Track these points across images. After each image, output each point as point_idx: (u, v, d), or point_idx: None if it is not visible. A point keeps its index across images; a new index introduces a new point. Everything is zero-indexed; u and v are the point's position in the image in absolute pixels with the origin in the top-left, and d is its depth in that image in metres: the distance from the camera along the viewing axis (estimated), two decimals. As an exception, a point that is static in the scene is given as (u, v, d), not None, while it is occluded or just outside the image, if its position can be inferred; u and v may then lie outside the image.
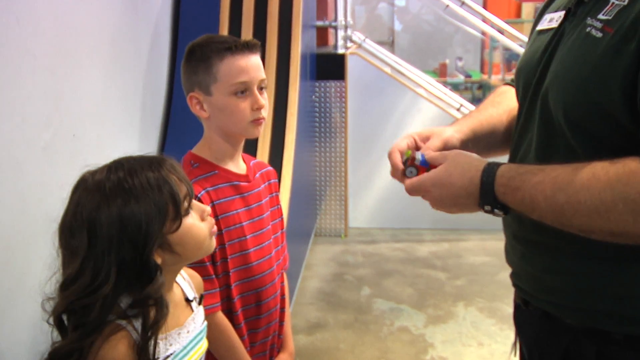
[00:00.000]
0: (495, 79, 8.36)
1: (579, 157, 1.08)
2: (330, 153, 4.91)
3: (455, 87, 8.44)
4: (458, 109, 5.07)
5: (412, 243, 4.77)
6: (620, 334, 1.12)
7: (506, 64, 8.12)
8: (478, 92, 9.45)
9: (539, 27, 1.31)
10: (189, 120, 3.33)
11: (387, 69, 5.09)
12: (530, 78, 1.23)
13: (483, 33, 7.03)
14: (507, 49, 7.33)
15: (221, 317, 1.56)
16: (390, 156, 1.30)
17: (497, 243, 4.61)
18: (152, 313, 1.14)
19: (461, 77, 9.27)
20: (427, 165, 1.23)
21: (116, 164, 1.17)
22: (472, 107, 5.23)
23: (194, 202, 1.23)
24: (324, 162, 4.92)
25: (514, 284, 1.35)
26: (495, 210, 1.15)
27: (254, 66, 1.57)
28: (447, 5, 5.80)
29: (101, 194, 1.11)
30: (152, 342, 1.13)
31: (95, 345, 1.09)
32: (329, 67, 4.80)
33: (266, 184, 1.71)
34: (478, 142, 1.37)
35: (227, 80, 1.55)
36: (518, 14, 10.60)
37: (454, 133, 1.35)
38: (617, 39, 1.03)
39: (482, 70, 10.19)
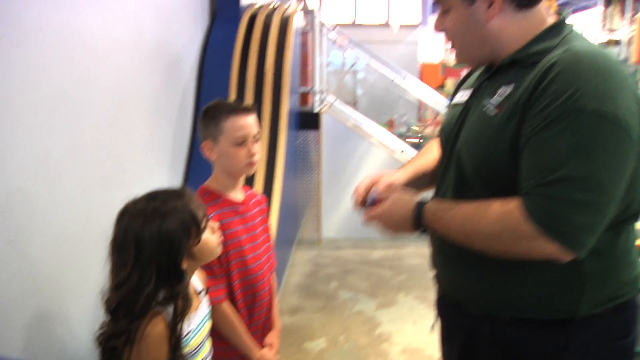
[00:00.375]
0: (429, 130, 8.47)
1: (481, 197, 1.09)
2: (309, 182, 4.90)
3: (400, 135, 8.55)
4: (401, 152, 5.14)
5: (367, 249, 4.77)
6: (506, 317, 1.14)
7: (436, 119, 8.23)
8: (417, 139, 9.58)
9: (454, 101, 1.31)
10: (205, 160, 3.40)
11: (351, 123, 5.12)
12: (448, 139, 1.24)
13: (419, 98, 7.19)
14: (435, 109, 7.46)
15: (226, 305, 1.56)
16: (355, 193, 1.32)
17: (429, 250, 4.72)
18: (180, 303, 1.16)
19: (404, 129, 9.39)
20: (374, 202, 1.25)
21: (152, 195, 1.19)
22: (411, 149, 5.30)
23: (209, 222, 1.24)
24: (303, 189, 4.91)
25: (436, 282, 1.36)
26: (424, 234, 1.18)
27: (250, 124, 1.58)
28: (392, 80, 5.93)
29: (144, 218, 1.13)
30: (181, 323, 1.16)
31: (142, 325, 1.11)
32: (308, 120, 4.82)
33: (258, 208, 1.71)
34: (415, 182, 1.37)
35: (230, 133, 1.56)
36: (443, 85, 10.82)
37: (400, 176, 1.36)
38: (505, 117, 1.05)
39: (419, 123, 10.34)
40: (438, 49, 15.28)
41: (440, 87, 10.41)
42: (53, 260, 1.78)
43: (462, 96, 1.27)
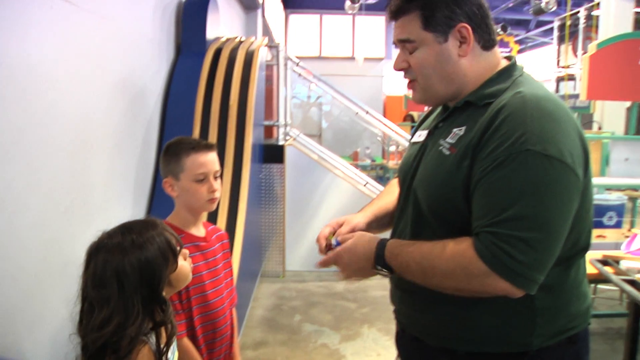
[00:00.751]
0: (391, 163, 8.62)
1: (438, 233, 1.14)
2: (273, 215, 4.90)
3: (364, 168, 8.68)
4: (365, 185, 5.21)
5: (331, 282, 4.76)
6: (463, 351, 1.17)
7: (399, 153, 8.38)
8: (380, 172, 9.73)
9: (413, 140, 1.36)
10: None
11: (315, 156, 5.18)
12: (406, 177, 1.29)
13: (382, 131, 7.34)
14: (398, 143, 7.62)
15: (186, 341, 1.55)
16: (318, 241, 1.35)
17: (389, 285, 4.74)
18: (166, 330, 1.16)
19: (368, 161, 9.53)
20: (339, 245, 1.28)
21: (126, 227, 1.18)
22: (374, 183, 5.38)
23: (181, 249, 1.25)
24: (267, 222, 4.90)
25: (395, 317, 1.39)
26: (384, 271, 1.19)
27: (211, 161, 1.61)
28: (357, 113, 6.05)
29: (123, 251, 1.11)
30: (167, 351, 1.16)
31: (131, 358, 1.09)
32: (272, 153, 4.84)
33: (220, 243, 1.73)
34: (376, 223, 1.42)
35: (191, 170, 1.58)
36: (407, 117, 11.08)
37: (360, 219, 1.39)
38: (458, 158, 1.11)
39: (383, 156, 10.52)
40: (401, 82, 15.72)
41: (405, 119, 10.68)
42: (9, 295, 1.76)
43: (420, 136, 1.32)
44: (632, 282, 2.48)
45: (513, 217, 1.00)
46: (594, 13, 7.61)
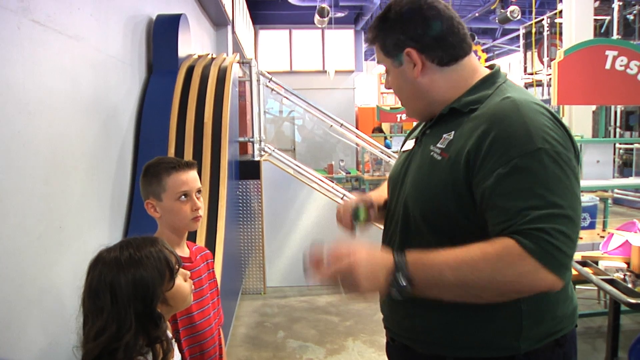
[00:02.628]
0: (366, 174, 8.68)
1: (427, 239, 1.16)
2: (251, 232, 4.86)
3: (339, 181, 8.70)
4: (342, 198, 5.22)
5: (313, 296, 4.75)
6: (452, 357, 1.19)
7: (373, 163, 8.44)
8: (355, 183, 9.77)
9: (403, 149, 1.42)
10: (146, 214, 3.34)
11: (291, 171, 5.17)
12: (396, 184, 1.33)
13: (356, 143, 7.38)
14: (372, 153, 7.67)
15: None
16: (342, 214, 1.41)
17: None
18: (162, 347, 1.15)
19: (343, 173, 9.56)
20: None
21: (125, 243, 1.20)
22: (351, 196, 5.40)
23: (180, 269, 1.24)
24: (246, 239, 4.86)
25: (385, 327, 1.39)
26: (402, 285, 1.06)
27: (192, 179, 1.60)
28: (331, 125, 6.08)
29: (118, 265, 1.13)
30: None
31: None
32: (248, 170, 4.81)
33: (205, 263, 1.71)
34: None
35: (173, 190, 1.57)
36: (378, 128, 11.18)
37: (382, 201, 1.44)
38: (451, 162, 1.14)
39: (357, 168, 10.57)
40: (372, 94, 15.89)
41: (374, 131, 10.77)
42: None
43: (409, 144, 1.38)
44: (611, 281, 2.53)
45: (551, 212, 1.02)
46: (557, 20, 7.83)
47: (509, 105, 1.12)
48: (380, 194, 1.50)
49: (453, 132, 1.19)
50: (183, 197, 1.58)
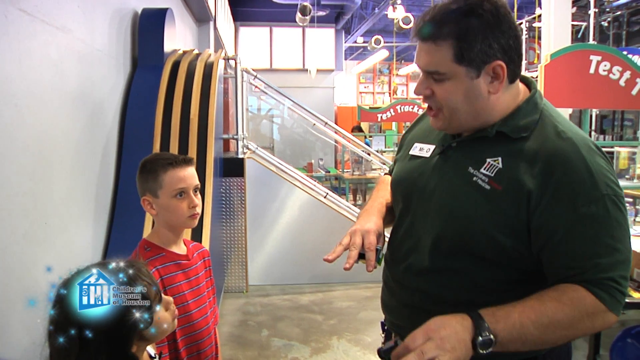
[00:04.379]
0: (346, 174, 8.64)
1: (462, 267, 1.14)
2: (234, 230, 4.80)
3: (319, 179, 8.67)
4: (325, 197, 5.19)
5: (296, 294, 4.72)
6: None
7: (354, 163, 8.41)
8: (335, 182, 9.75)
9: (411, 153, 1.30)
10: (130, 208, 3.26)
11: (275, 169, 5.12)
12: (411, 192, 1.24)
13: (335, 140, 7.34)
14: (354, 153, 7.65)
15: None
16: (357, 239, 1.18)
17: (357, 292, 4.73)
18: None
19: (323, 172, 9.54)
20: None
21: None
22: (334, 195, 5.38)
23: (163, 296, 1.12)
24: (228, 237, 4.80)
25: (396, 334, 1.28)
26: (486, 342, 1.00)
27: (189, 176, 1.56)
28: (314, 124, 6.05)
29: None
30: None
31: None
32: (232, 167, 4.74)
33: (202, 260, 1.67)
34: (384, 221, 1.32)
35: (170, 187, 1.52)
36: (354, 130, 11.19)
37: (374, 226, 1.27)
38: (505, 195, 1.08)
39: (336, 167, 10.56)
40: (351, 94, 15.91)
41: (353, 130, 10.78)
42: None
43: (423, 150, 1.27)
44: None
45: (618, 260, 1.07)
46: (536, 24, 7.94)
47: (570, 147, 1.09)
48: (382, 200, 1.37)
49: (500, 159, 1.12)
50: (180, 194, 1.54)
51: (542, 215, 1.07)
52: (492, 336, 1.00)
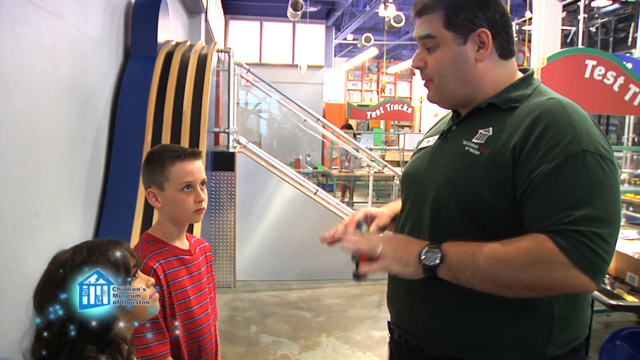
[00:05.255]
0: (334, 170, 8.61)
1: (460, 233, 1.12)
2: (223, 225, 4.74)
3: (306, 176, 8.62)
4: (315, 193, 5.15)
5: (284, 291, 4.68)
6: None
7: (343, 160, 8.39)
8: (322, 179, 9.71)
9: (420, 147, 1.37)
10: (119, 199, 3.19)
11: (266, 164, 5.07)
12: (415, 180, 1.28)
13: (324, 135, 7.27)
14: (343, 149, 7.62)
15: None
16: (342, 228, 1.29)
17: (345, 289, 4.71)
18: (119, 351, 1.08)
19: (310, 169, 9.48)
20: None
21: (81, 245, 1.13)
22: (324, 192, 5.34)
23: (140, 273, 1.17)
24: (217, 232, 4.74)
25: (397, 326, 1.32)
26: (434, 261, 1.08)
27: (197, 169, 1.52)
28: (305, 120, 5.99)
29: (67, 267, 1.06)
30: None
31: None
32: (222, 161, 4.67)
33: (203, 256, 1.63)
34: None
35: (177, 180, 1.48)
36: (349, 127, 11.17)
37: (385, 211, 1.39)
38: (492, 157, 1.11)
39: (323, 163, 10.53)
40: (339, 91, 15.88)
41: (345, 127, 10.75)
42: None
43: (429, 141, 1.33)
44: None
45: (590, 215, 1.02)
46: (525, 28, 7.98)
47: (556, 105, 1.12)
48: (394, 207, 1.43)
49: (491, 128, 1.16)
50: (187, 188, 1.49)
51: (522, 167, 1.08)
52: (439, 252, 1.08)
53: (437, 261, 1.08)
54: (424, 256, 1.09)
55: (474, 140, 1.17)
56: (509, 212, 1.10)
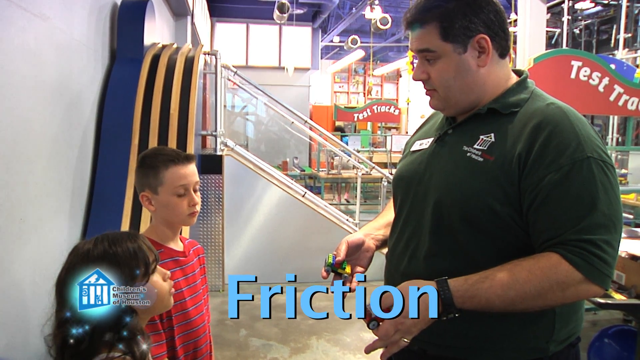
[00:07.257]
0: (322, 172, 8.60)
1: (461, 238, 1.12)
2: (211, 228, 4.72)
3: (294, 178, 8.61)
4: (303, 195, 5.15)
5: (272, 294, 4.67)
6: None
7: (332, 162, 8.38)
8: (310, 181, 9.71)
9: (412, 149, 1.34)
10: (106, 203, 3.15)
11: (253, 167, 5.06)
12: (411, 185, 1.26)
13: (310, 137, 7.26)
14: (331, 151, 7.62)
15: None
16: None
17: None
18: (137, 341, 1.08)
19: (297, 171, 9.48)
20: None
21: (102, 236, 1.14)
22: (312, 194, 5.33)
23: (159, 267, 1.18)
24: (206, 235, 4.71)
25: None
26: (451, 315, 1.06)
27: (191, 173, 1.53)
28: (292, 122, 5.98)
29: (88, 259, 1.08)
30: None
31: None
32: (209, 164, 4.64)
33: (197, 257, 1.64)
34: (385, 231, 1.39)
35: (171, 184, 1.49)
36: (334, 129, 11.19)
37: (358, 235, 1.36)
38: (498, 164, 1.10)
39: (310, 165, 10.52)
40: (326, 93, 15.88)
41: (334, 129, 10.76)
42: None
43: (423, 144, 1.30)
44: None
45: (599, 222, 1.04)
46: (511, 29, 8.07)
47: (557, 111, 1.12)
48: (381, 220, 1.43)
49: (493, 134, 1.15)
50: (181, 192, 1.50)
51: (529, 176, 1.08)
52: (455, 310, 1.05)
53: (452, 315, 1.06)
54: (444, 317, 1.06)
55: (475, 146, 1.16)
56: (514, 219, 1.11)
